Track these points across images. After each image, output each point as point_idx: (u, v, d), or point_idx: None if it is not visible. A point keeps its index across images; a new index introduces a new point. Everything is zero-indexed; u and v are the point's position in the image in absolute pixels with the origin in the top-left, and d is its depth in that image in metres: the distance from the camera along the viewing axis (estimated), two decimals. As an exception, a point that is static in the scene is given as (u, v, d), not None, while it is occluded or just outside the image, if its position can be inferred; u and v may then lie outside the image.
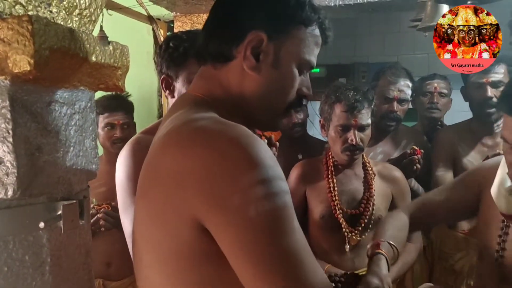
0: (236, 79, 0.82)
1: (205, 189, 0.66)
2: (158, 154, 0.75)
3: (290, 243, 0.66)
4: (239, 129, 0.71)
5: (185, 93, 0.90)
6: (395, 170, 1.83)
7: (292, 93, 0.85)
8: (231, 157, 0.66)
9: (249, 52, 0.80)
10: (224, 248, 0.67)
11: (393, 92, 2.09)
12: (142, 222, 0.78)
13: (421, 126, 2.48)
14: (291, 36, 0.82)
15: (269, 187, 0.66)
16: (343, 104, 1.68)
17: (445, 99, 2.40)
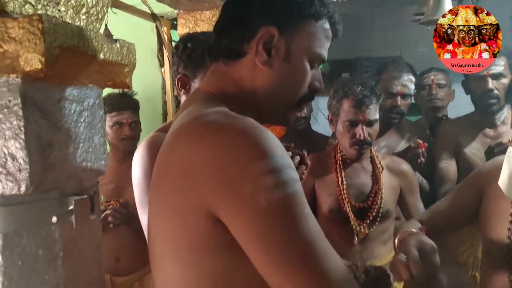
0: (248, 74, 0.84)
1: (216, 180, 0.68)
2: (170, 149, 0.77)
3: (302, 229, 0.67)
4: (247, 121, 0.72)
5: (197, 89, 0.92)
6: (404, 164, 1.85)
7: (304, 87, 0.86)
8: (241, 147, 0.68)
9: (260, 47, 0.82)
10: (238, 237, 0.69)
11: (397, 87, 2.11)
12: (156, 215, 0.80)
13: (425, 120, 2.50)
14: (301, 30, 0.83)
15: (279, 175, 0.67)
16: (351, 100, 1.70)
17: (444, 89, 2.41)
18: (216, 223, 0.70)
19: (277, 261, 0.66)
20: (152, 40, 2.92)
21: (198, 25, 2.56)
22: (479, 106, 2.08)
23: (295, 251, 0.67)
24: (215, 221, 0.70)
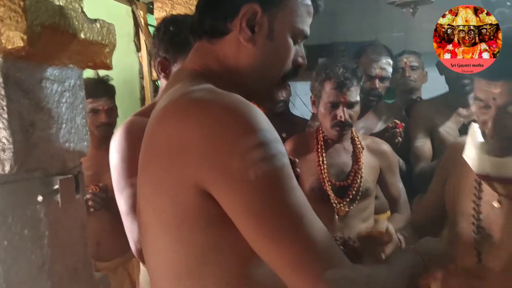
0: (232, 52, 0.85)
1: (205, 156, 0.69)
2: (157, 127, 0.77)
3: (291, 201, 0.69)
4: (234, 96, 0.73)
5: (181, 68, 0.92)
6: (383, 144, 1.89)
7: (288, 63, 0.88)
8: (228, 123, 0.69)
9: (244, 24, 0.82)
10: (229, 211, 0.71)
11: (375, 70, 2.14)
12: (145, 192, 0.81)
13: (399, 102, 2.55)
14: (283, 6, 0.84)
15: (267, 149, 0.69)
16: (333, 82, 1.72)
17: (417, 71, 2.46)
18: (205, 197, 0.71)
19: (267, 232, 0.68)
20: (129, 24, 2.88)
21: (175, 8, 2.54)
22: (453, 87, 2.14)
23: (284, 222, 0.69)
24: (204, 196, 0.71)
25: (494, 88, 1.07)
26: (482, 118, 1.14)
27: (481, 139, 1.19)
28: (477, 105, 1.15)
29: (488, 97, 1.09)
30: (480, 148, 1.18)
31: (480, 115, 1.15)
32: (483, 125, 1.14)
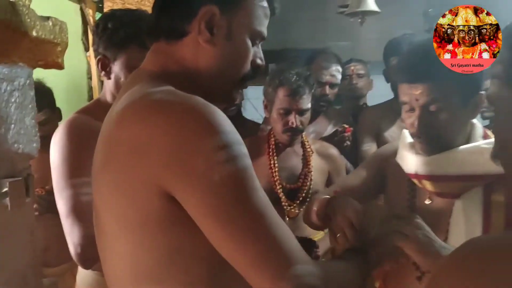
0: (191, 53, 0.85)
1: (167, 158, 0.69)
2: (116, 128, 0.76)
3: (254, 201, 0.71)
4: (195, 98, 0.74)
5: (139, 69, 0.91)
6: (332, 148, 1.96)
7: (247, 64, 0.89)
8: (191, 125, 0.70)
9: (203, 26, 0.83)
10: (193, 213, 0.71)
11: (326, 76, 2.22)
12: (104, 195, 0.79)
13: (346, 108, 2.64)
14: (241, 8, 0.85)
15: (229, 150, 0.70)
16: (286, 89, 1.77)
17: (363, 79, 2.57)
18: (168, 199, 0.71)
19: (232, 233, 0.69)
20: (76, 22, 2.79)
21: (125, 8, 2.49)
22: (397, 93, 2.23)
23: (247, 222, 0.70)
24: (167, 198, 0.71)
25: (415, 90, 1.15)
26: (409, 120, 1.21)
27: (410, 141, 1.27)
28: (404, 109, 1.22)
29: (412, 99, 1.16)
30: (410, 150, 1.26)
31: (407, 118, 1.22)
32: (411, 127, 1.21)
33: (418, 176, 1.24)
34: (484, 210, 1.16)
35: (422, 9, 3.79)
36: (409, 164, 1.26)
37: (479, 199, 1.17)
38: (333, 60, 2.27)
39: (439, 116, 1.16)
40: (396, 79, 1.23)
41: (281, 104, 1.78)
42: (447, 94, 1.14)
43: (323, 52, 2.32)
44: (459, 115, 1.18)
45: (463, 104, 1.16)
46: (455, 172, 1.17)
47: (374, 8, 1.78)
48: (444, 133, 1.18)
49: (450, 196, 1.21)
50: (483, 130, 1.26)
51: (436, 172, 1.19)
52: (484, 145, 1.16)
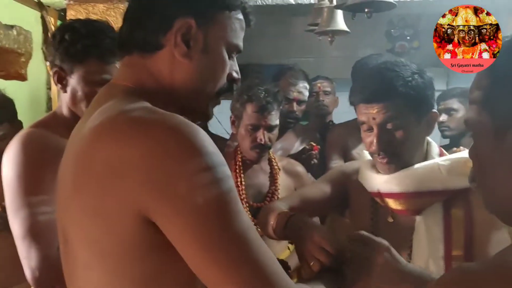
0: (167, 67, 0.82)
1: (148, 180, 0.66)
2: (90, 147, 0.72)
3: (238, 225, 0.68)
4: (176, 117, 0.71)
5: (111, 84, 0.87)
6: (298, 166, 1.95)
7: (223, 77, 0.86)
8: (173, 145, 0.66)
9: (179, 39, 0.80)
10: (174, 239, 0.67)
11: (293, 93, 2.22)
12: (76, 219, 0.74)
13: (313, 125, 2.66)
14: (217, 21, 0.83)
15: (213, 173, 0.67)
16: (255, 105, 1.75)
17: (329, 96, 2.61)
18: (147, 224, 0.67)
19: (216, 259, 0.66)
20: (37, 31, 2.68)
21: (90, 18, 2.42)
22: None
23: (232, 248, 0.67)
24: (146, 223, 0.67)
25: (371, 110, 1.19)
26: (368, 139, 1.24)
27: (371, 160, 1.30)
28: (362, 129, 1.25)
29: (369, 118, 1.20)
30: (371, 169, 1.29)
31: (366, 137, 1.25)
32: (370, 145, 1.24)
33: (380, 194, 1.26)
34: (445, 225, 1.20)
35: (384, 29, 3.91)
36: (371, 183, 1.28)
37: (439, 214, 1.21)
38: (300, 77, 2.29)
39: (396, 134, 1.20)
40: (354, 100, 1.26)
41: (250, 120, 1.77)
42: (402, 113, 1.19)
43: (291, 69, 2.33)
44: (415, 133, 1.22)
45: (417, 122, 1.21)
46: (416, 189, 1.20)
47: (344, 28, 1.81)
48: (402, 150, 1.22)
49: (412, 213, 1.24)
50: (438, 148, 1.31)
51: (397, 189, 1.22)
52: (441, 162, 1.21)
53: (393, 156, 1.21)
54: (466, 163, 1.19)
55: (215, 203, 0.67)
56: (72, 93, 1.30)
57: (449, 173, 1.19)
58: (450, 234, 1.18)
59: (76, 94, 1.29)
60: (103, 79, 1.25)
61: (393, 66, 1.20)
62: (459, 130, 2.37)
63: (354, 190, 1.38)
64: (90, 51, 1.26)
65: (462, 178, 1.18)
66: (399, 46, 3.88)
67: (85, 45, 1.26)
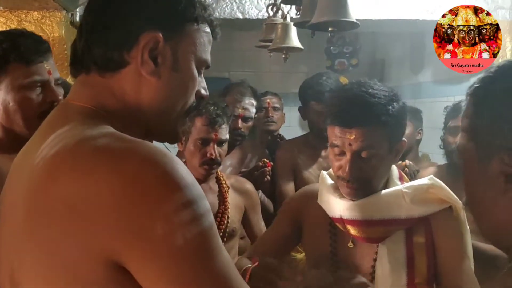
0: (132, 87, 0.73)
1: (119, 221, 0.57)
2: (46, 183, 0.62)
3: (220, 264, 0.62)
4: (149, 146, 0.63)
5: (66, 103, 0.77)
6: (247, 183, 1.91)
7: (193, 95, 0.80)
8: (147, 179, 0.59)
9: (146, 55, 0.72)
10: (149, 285, 0.60)
11: (238, 109, 2.18)
12: (29, 266, 0.64)
13: (260, 141, 2.63)
14: (186, 34, 0.77)
15: (194, 208, 0.60)
16: (205, 118, 1.69)
17: (278, 112, 2.60)
18: (118, 271, 0.59)
19: None
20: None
21: (22, 26, 2.23)
22: (316, 132, 2.26)
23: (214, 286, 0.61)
24: (116, 269, 0.59)
25: (349, 135, 1.15)
26: (338, 163, 1.21)
27: (333, 184, 1.28)
28: (333, 152, 1.22)
29: (344, 143, 1.17)
30: (333, 193, 1.26)
31: (335, 161, 1.22)
32: (339, 170, 1.20)
33: (343, 221, 1.23)
34: (407, 253, 1.19)
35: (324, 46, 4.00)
36: (333, 208, 1.25)
37: (402, 242, 1.20)
38: (247, 93, 2.25)
39: (369, 162, 1.17)
40: (330, 122, 1.22)
41: (199, 134, 1.70)
42: (379, 141, 1.17)
43: (239, 85, 2.29)
44: (385, 161, 1.22)
45: (389, 150, 1.20)
46: (380, 217, 1.19)
47: (298, 45, 1.80)
48: (372, 178, 1.20)
49: (374, 241, 1.23)
50: (398, 171, 1.31)
51: (361, 217, 1.20)
52: (405, 189, 1.21)
53: (362, 183, 1.19)
54: (427, 190, 1.21)
55: (196, 243, 0.60)
56: (4, 107, 1.20)
57: (412, 201, 1.19)
58: (413, 262, 1.18)
59: (8, 106, 1.19)
60: (32, 81, 1.19)
61: (373, 91, 1.17)
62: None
63: (308, 216, 1.35)
64: (11, 55, 1.18)
65: (424, 205, 1.20)
66: (338, 63, 3.98)
67: (4, 49, 1.18)
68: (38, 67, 1.21)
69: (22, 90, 1.18)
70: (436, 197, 1.20)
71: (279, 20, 1.90)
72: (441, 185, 1.21)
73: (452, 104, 1.97)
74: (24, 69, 1.19)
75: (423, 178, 1.26)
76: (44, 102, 1.22)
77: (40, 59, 1.21)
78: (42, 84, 1.22)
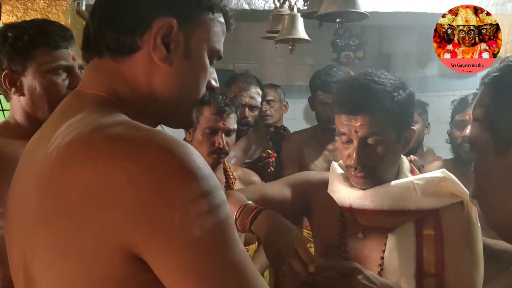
0: (144, 73, 0.72)
1: (136, 211, 0.57)
2: (61, 171, 0.61)
3: (236, 254, 0.61)
4: (165, 135, 0.62)
5: (78, 91, 0.75)
6: (254, 175, 1.93)
7: (205, 84, 0.79)
8: (164, 169, 0.58)
9: (159, 41, 0.71)
10: (165, 276, 0.59)
11: (245, 98, 2.18)
12: (43, 257, 0.64)
13: (263, 133, 2.63)
14: (200, 22, 0.75)
15: (211, 199, 0.60)
16: (213, 107, 1.70)
17: (275, 104, 2.59)
18: (132, 261, 0.59)
19: None
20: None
21: (28, 14, 2.24)
22: (321, 122, 2.27)
23: (231, 278, 0.61)
24: (131, 259, 0.59)
25: (355, 122, 1.16)
26: (346, 152, 1.21)
27: (343, 174, 1.27)
28: (340, 140, 1.22)
29: (351, 130, 1.17)
30: (343, 182, 1.26)
31: (343, 149, 1.22)
32: (347, 158, 1.20)
33: (352, 210, 1.23)
34: (417, 245, 1.19)
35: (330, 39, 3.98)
36: (342, 197, 1.25)
37: (411, 233, 1.20)
38: (252, 82, 2.25)
39: (376, 149, 1.17)
40: (336, 110, 1.22)
41: (207, 123, 1.71)
42: (385, 128, 1.17)
43: (243, 74, 2.29)
44: (393, 149, 1.21)
45: (397, 139, 1.20)
46: (389, 207, 1.19)
47: (305, 36, 1.79)
48: (379, 166, 1.20)
49: (383, 231, 1.22)
50: (409, 164, 1.30)
51: (371, 206, 1.20)
52: (416, 181, 1.20)
53: (370, 171, 1.19)
54: (439, 183, 1.20)
55: (213, 234, 0.59)
56: (30, 92, 1.21)
57: (423, 193, 1.18)
58: (421, 254, 1.18)
59: (34, 91, 1.21)
60: (58, 66, 1.22)
61: (379, 79, 1.17)
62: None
63: (320, 203, 1.34)
64: (38, 40, 1.20)
65: (435, 198, 1.19)
66: (344, 56, 3.96)
67: (31, 35, 1.19)
68: (63, 52, 1.23)
69: (48, 74, 1.20)
70: (447, 190, 1.20)
71: (286, 11, 1.88)
72: (452, 179, 1.20)
73: (459, 98, 1.97)
74: (50, 54, 1.21)
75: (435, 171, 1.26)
76: (69, 87, 1.24)
77: (65, 44, 1.23)
78: (67, 69, 1.24)
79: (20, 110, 1.24)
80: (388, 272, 1.19)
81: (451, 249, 1.18)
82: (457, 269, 1.17)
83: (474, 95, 1.90)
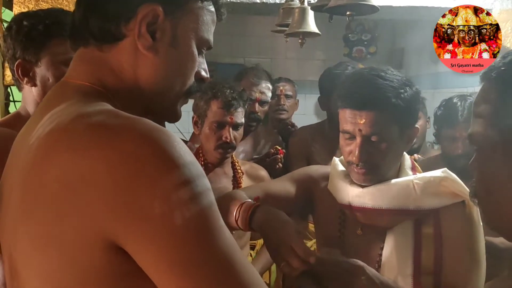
0: (129, 62, 0.71)
1: (116, 200, 0.56)
2: (41, 162, 0.61)
3: (221, 243, 0.60)
4: (146, 122, 0.61)
5: (63, 82, 0.74)
6: (261, 170, 1.91)
7: (192, 75, 0.77)
8: (145, 157, 0.57)
9: (144, 29, 0.69)
10: (148, 266, 0.58)
11: (255, 93, 2.16)
12: (26, 250, 0.63)
13: (272, 128, 2.61)
14: (188, 10, 0.73)
15: (193, 186, 0.58)
16: (221, 101, 1.69)
17: (291, 100, 2.57)
18: (115, 251, 0.58)
19: (199, 283, 0.58)
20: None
21: (40, 5, 2.24)
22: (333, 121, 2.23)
23: (218, 271, 0.59)
24: (114, 250, 0.58)
25: (359, 119, 1.14)
26: (348, 148, 1.19)
27: (344, 171, 1.26)
28: (343, 136, 1.20)
29: (355, 127, 1.15)
30: (343, 179, 1.25)
31: (345, 146, 1.20)
32: (349, 154, 1.19)
33: (351, 207, 1.22)
34: (415, 243, 1.18)
35: (342, 33, 3.94)
36: (342, 194, 1.24)
37: (410, 232, 1.19)
38: (263, 77, 2.23)
39: (379, 147, 1.16)
40: (341, 104, 1.20)
41: (215, 117, 1.70)
42: (389, 125, 1.15)
43: (253, 69, 2.27)
44: (396, 147, 1.19)
45: (401, 136, 1.18)
46: (388, 206, 1.18)
47: (316, 30, 1.77)
48: (382, 163, 1.18)
49: (382, 228, 1.22)
50: (411, 161, 1.29)
51: (370, 204, 1.19)
52: (416, 180, 1.19)
53: (372, 168, 1.18)
54: (440, 183, 1.18)
55: (195, 223, 0.58)
56: (42, 83, 1.20)
57: (422, 193, 1.17)
58: (420, 252, 1.17)
59: (47, 83, 1.20)
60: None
61: (386, 75, 1.16)
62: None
63: (321, 197, 1.34)
64: (53, 30, 1.18)
65: (435, 198, 1.18)
66: (356, 51, 3.92)
67: (46, 25, 1.18)
68: None
69: (62, 66, 1.18)
70: (448, 190, 1.18)
71: (297, 4, 1.86)
72: (454, 179, 1.18)
73: (442, 107, 1.85)
74: (65, 45, 1.18)
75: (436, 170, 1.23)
76: None
77: None
78: None
79: (32, 101, 1.23)
80: (385, 270, 1.19)
81: (450, 248, 1.16)
82: (456, 269, 1.15)
83: (461, 107, 1.70)
